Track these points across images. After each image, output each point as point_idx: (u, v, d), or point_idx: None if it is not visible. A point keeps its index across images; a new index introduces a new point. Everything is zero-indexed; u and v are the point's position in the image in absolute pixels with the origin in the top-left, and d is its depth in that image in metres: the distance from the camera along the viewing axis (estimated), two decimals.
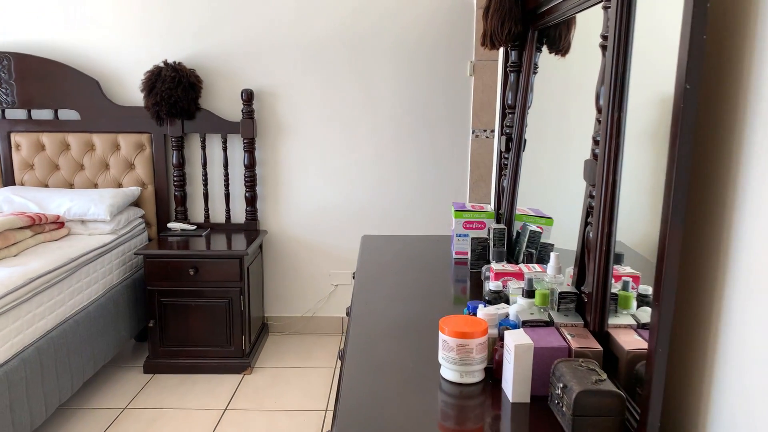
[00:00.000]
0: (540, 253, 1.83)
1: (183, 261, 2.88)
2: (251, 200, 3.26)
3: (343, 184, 3.32)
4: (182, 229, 3.20)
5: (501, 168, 2.07)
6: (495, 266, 1.41)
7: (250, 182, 3.24)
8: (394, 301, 1.64)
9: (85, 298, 2.57)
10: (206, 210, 3.30)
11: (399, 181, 3.32)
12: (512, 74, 1.95)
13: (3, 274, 2.13)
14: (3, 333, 2.01)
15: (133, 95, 3.22)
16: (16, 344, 2.07)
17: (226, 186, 3.27)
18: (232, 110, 3.25)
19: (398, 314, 1.53)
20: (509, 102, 1.97)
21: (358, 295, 1.69)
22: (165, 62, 3.08)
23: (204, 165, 3.24)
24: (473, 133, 3.22)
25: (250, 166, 3.22)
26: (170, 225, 3.21)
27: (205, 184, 3.26)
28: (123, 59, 3.20)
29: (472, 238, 1.86)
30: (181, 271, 2.88)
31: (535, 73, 1.91)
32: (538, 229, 1.84)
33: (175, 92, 3.04)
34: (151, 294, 2.90)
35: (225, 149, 3.22)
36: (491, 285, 1.32)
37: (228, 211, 3.30)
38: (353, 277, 2.16)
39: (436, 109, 3.25)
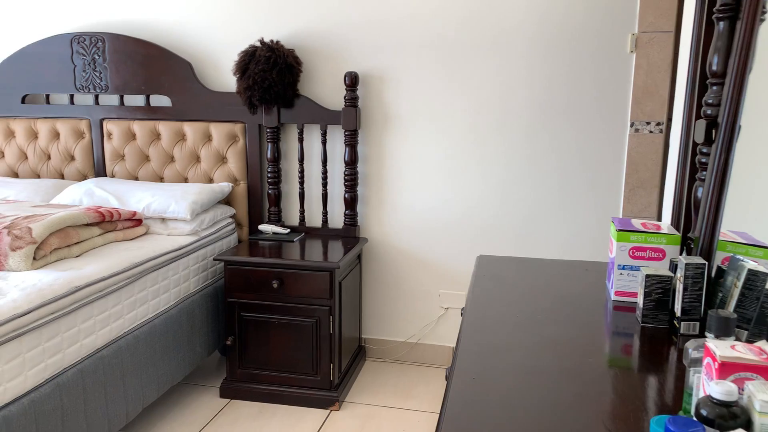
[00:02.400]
0: (763, 309, 1.14)
1: (265, 271, 2.45)
2: (351, 202, 2.77)
3: (461, 187, 2.73)
4: (274, 233, 2.79)
5: (693, 169, 1.38)
6: (717, 347, 0.76)
7: (351, 181, 2.75)
8: (519, 370, 1.04)
9: (151, 309, 2.22)
10: (301, 212, 2.87)
11: (531, 187, 2.67)
12: (721, 23, 1.26)
13: (46, 281, 1.80)
14: (33, 353, 1.66)
15: (227, 79, 2.87)
16: (51, 366, 1.73)
17: (324, 185, 2.81)
18: (334, 97, 2.79)
19: (526, 403, 0.93)
20: (714, 68, 1.28)
21: (463, 354, 1.11)
22: (261, 41, 2.68)
23: (301, 160, 2.81)
24: (632, 126, 2.50)
25: (351, 162, 2.73)
26: (261, 227, 2.82)
27: (302, 182, 2.83)
28: (218, 38, 2.85)
29: (648, 276, 1.21)
30: (264, 283, 2.46)
31: (762, 20, 1.21)
32: (761, 268, 1.15)
33: (269, 75, 2.63)
34: (231, 307, 2.51)
35: (324, 142, 2.76)
36: (714, 388, 0.68)
37: (325, 213, 2.84)
38: (462, 314, 1.57)
39: (582, 96, 2.56)
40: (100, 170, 2.99)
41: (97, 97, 2.95)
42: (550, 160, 2.63)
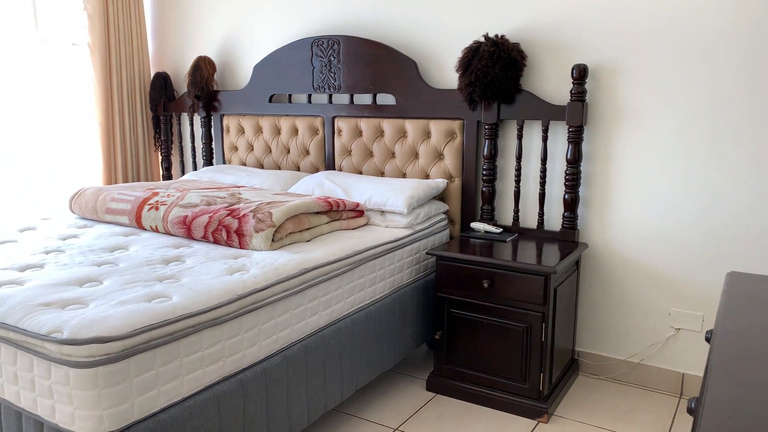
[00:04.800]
0: None
1: (476, 269, 2.41)
2: (571, 204, 2.60)
3: (702, 191, 2.40)
4: (486, 231, 2.74)
5: None
6: None
7: (572, 181, 2.58)
8: None
9: (367, 295, 2.32)
10: (516, 211, 2.77)
11: None
12: None
13: (281, 261, 1.97)
14: (267, 325, 1.84)
15: (449, 77, 2.88)
16: (281, 339, 1.89)
17: (542, 184, 2.68)
18: (558, 92, 2.64)
19: None
20: None
21: (716, 385, 0.94)
22: (485, 36, 2.64)
23: (518, 158, 2.71)
24: None
25: (574, 161, 2.56)
26: (473, 225, 2.78)
27: (518, 181, 2.73)
28: (442, 35, 2.88)
29: None
30: (474, 281, 2.42)
31: None
32: None
33: (492, 70, 2.58)
34: (440, 302, 2.52)
35: (545, 139, 2.63)
36: None
37: (541, 215, 2.71)
38: (707, 339, 1.35)
39: None
40: (329, 164, 3.23)
41: (330, 96, 3.19)
42: None
